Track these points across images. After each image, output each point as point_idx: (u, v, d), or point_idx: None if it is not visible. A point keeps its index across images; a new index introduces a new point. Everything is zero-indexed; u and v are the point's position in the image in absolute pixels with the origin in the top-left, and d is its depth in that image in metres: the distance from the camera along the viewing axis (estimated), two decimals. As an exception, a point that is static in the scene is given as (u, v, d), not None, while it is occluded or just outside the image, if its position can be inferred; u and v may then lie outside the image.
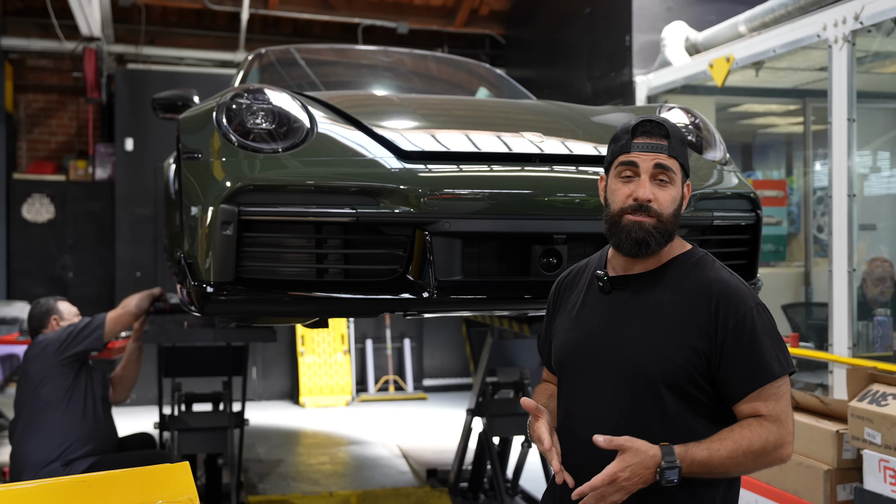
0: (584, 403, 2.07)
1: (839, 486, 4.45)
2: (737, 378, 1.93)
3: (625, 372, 2.00)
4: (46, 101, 9.37)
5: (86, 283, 8.88)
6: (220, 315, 3.27)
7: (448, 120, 3.21)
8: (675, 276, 2.04)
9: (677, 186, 2.04)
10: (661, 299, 2.02)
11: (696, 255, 2.09)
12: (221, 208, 2.61)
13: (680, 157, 2.04)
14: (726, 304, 1.96)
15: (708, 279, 2.01)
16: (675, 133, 2.04)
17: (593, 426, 1.99)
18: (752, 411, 1.93)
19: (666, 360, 1.96)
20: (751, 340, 1.93)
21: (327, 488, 5.65)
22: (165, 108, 4.44)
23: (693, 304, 1.98)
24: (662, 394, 1.96)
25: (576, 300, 2.17)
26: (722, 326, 1.94)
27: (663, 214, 2.00)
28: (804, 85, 6.60)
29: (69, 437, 4.13)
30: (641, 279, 2.06)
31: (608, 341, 2.04)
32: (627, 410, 1.99)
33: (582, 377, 2.08)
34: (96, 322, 4.30)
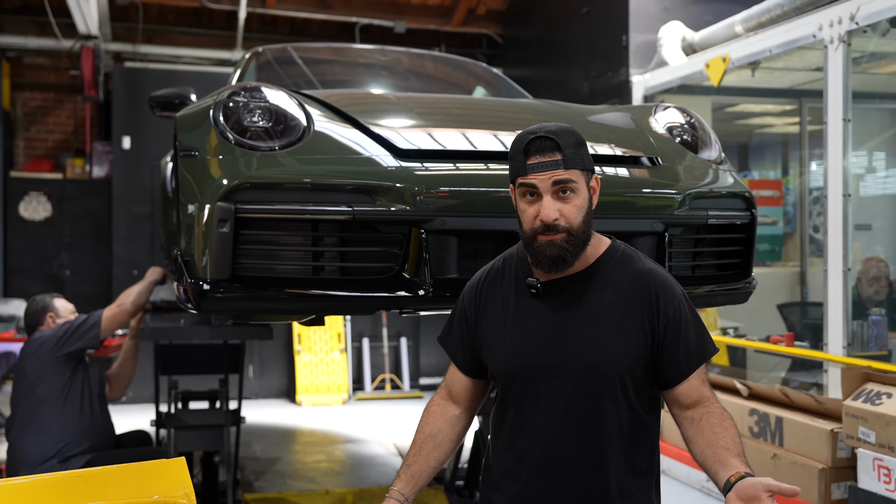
0: (537, 410, 2.08)
1: (833, 485, 4.47)
2: (678, 362, 2.04)
3: (579, 374, 2.03)
4: (44, 99, 9.37)
5: (83, 281, 8.88)
6: (216, 312, 3.28)
7: (445, 119, 3.21)
8: (606, 273, 2.08)
9: (581, 193, 2.04)
10: (601, 298, 2.06)
11: (618, 250, 2.13)
12: (218, 206, 2.61)
13: (577, 163, 2.02)
14: (664, 294, 2.05)
15: (640, 272, 2.08)
16: (568, 140, 2.02)
17: (550, 432, 2.05)
18: (690, 391, 2.04)
19: (619, 355, 2.02)
20: (686, 325, 2.05)
21: (324, 486, 5.66)
22: (163, 106, 4.44)
23: (632, 297, 2.05)
24: (616, 388, 2.03)
25: (505, 305, 2.15)
26: (663, 315, 2.03)
27: (573, 227, 2.01)
28: (800, 85, 6.62)
29: (66, 435, 4.12)
30: (574, 281, 2.08)
31: (556, 344, 2.06)
32: (586, 411, 2.03)
33: (532, 385, 2.09)
34: (92, 320, 4.27)
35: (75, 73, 9.09)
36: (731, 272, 3.24)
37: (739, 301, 3.27)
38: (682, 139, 3.30)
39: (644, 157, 3.04)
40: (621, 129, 3.25)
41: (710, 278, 3.17)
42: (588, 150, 2.07)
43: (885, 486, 4.04)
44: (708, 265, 3.19)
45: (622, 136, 3.18)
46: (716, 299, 3.21)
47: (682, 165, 3.09)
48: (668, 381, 2.06)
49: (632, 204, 2.88)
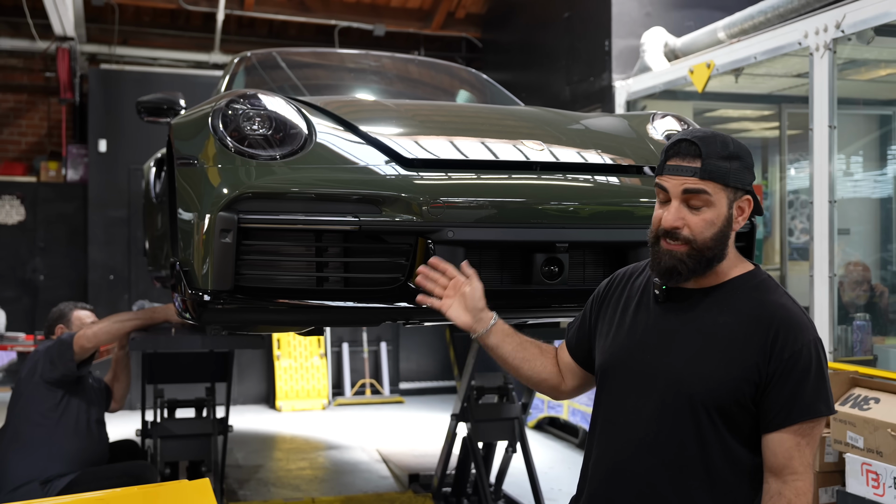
0: (623, 413, 2.03)
1: (821, 490, 4.49)
2: (778, 408, 1.89)
3: (669, 389, 1.96)
4: (16, 101, 9.21)
5: (57, 285, 8.74)
6: (216, 324, 3.22)
7: (448, 127, 3.19)
8: (733, 296, 1.98)
9: (717, 208, 1.94)
10: (716, 319, 1.96)
11: (758, 278, 2.02)
12: (220, 216, 2.57)
13: (717, 177, 1.93)
14: (785, 333, 1.90)
15: (769, 304, 1.95)
16: (712, 151, 1.94)
17: (629, 438, 1.99)
18: (778, 448, 1.90)
19: (713, 383, 1.92)
20: (802, 374, 1.89)
21: (309, 494, 5.61)
22: (150, 111, 4.36)
23: (750, 328, 1.93)
24: (703, 415, 1.92)
25: (628, 302, 2.12)
26: (777, 356, 1.89)
27: (696, 241, 1.93)
28: (780, 91, 6.67)
29: (53, 458, 3.98)
30: (699, 295, 2.00)
31: (657, 355, 2.00)
32: (666, 428, 1.95)
33: (625, 386, 2.05)
34: (63, 345, 4.06)
35: (50, 75, 8.96)
36: None
37: None
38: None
39: (647, 167, 3.03)
40: (623, 138, 3.24)
41: None
42: (744, 168, 1.97)
43: (873, 490, 4.06)
44: None
45: (624, 144, 3.18)
46: None
47: None
48: (764, 427, 1.92)
49: (638, 213, 2.87)
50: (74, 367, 4.06)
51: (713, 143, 1.95)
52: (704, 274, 1.98)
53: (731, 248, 2.01)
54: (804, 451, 1.89)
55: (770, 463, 1.91)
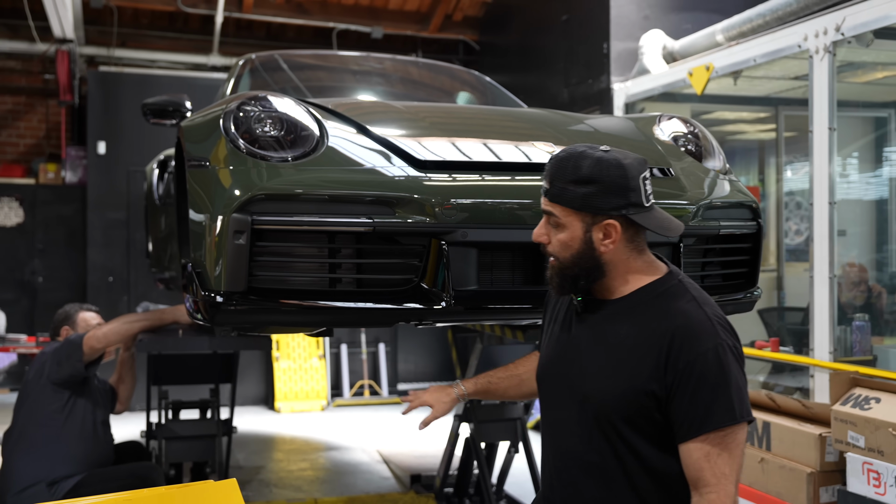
0: (552, 425, 2.09)
1: (822, 489, 4.52)
2: (680, 420, 1.86)
3: (579, 404, 1.98)
4: (14, 103, 9.21)
5: (56, 287, 8.75)
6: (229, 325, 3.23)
7: (458, 129, 3.20)
8: (638, 306, 1.96)
9: (570, 230, 1.94)
10: (619, 331, 1.95)
11: (666, 284, 1.99)
12: (234, 217, 2.57)
13: (564, 201, 1.93)
14: (680, 343, 1.86)
15: (670, 313, 1.91)
16: (560, 175, 1.94)
17: (559, 449, 2.04)
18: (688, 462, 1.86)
19: (615, 397, 1.91)
20: (699, 384, 1.84)
21: (311, 495, 5.62)
22: (156, 113, 4.41)
23: (650, 339, 1.90)
24: (610, 429, 1.92)
25: (558, 313, 2.15)
26: (672, 367, 1.86)
27: (557, 258, 1.97)
28: (777, 93, 6.72)
29: (59, 459, 3.98)
30: (609, 307, 2.00)
31: (569, 370, 2.02)
32: (585, 440, 1.96)
33: (550, 399, 2.09)
34: (72, 346, 4.07)
35: (49, 77, 8.95)
36: (738, 282, 3.26)
37: (746, 310, 3.30)
38: (687, 149, 3.32)
39: (656, 169, 3.05)
40: (631, 140, 3.26)
41: (718, 288, 3.19)
42: (602, 192, 1.92)
43: (874, 489, 4.09)
44: (715, 275, 3.21)
45: (633, 146, 3.18)
46: (726, 308, 3.17)
47: (692, 176, 3.10)
48: (677, 437, 1.88)
49: None
50: (82, 368, 4.06)
51: (564, 167, 1.94)
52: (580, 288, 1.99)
53: (636, 258, 1.99)
54: (715, 461, 1.82)
55: (687, 475, 1.88)
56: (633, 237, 1.97)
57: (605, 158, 1.94)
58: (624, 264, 1.98)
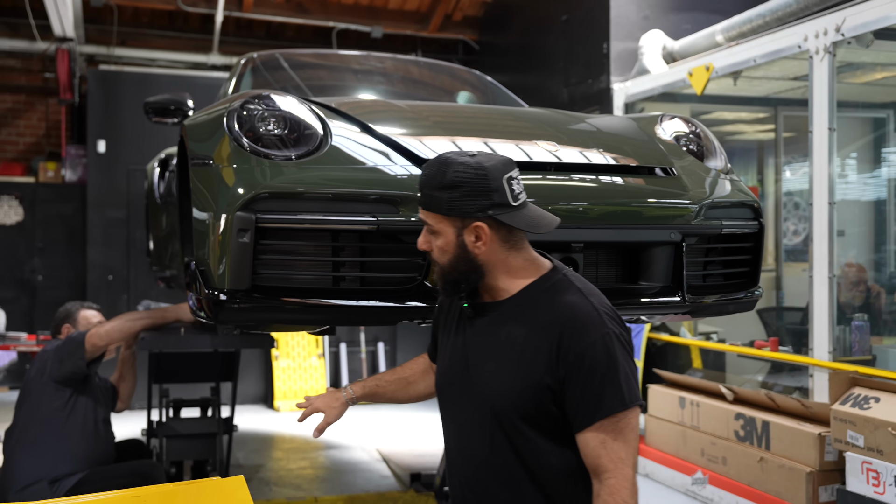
0: (453, 432, 2.11)
1: (821, 488, 4.54)
2: (575, 411, 1.91)
3: (477, 407, 2.01)
4: (14, 102, 9.22)
5: (55, 286, 8.76)
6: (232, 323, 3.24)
7: (461, 128, 3.21)
8: (526, 305, 2.00)
9: (445, 237, 1.99)
10: (510, 331, 1.99)
11: (551, 280, 2.03)
12: (238, 215, 2.58)
13: (433, 207, 1.99)
14: (570, 335, 1.91)
15: (557, 306, 1.96)
16: (427, 182, 2.00)
17: (462, 455, 2.06)
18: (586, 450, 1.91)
19: (512, 396, 1.94)
20: (590, 373, 1.89)
21: (311, 493, 5.63)
22: (158, 111, 4.43)
23: (540, 335, 1.94)
24: (510, 428, 1.95)
25: (451, 321, 2.17)
26: (563, 359, 1.90)
27: (438, 264, 2.02)
28: (776, 94, 6.74)
29: (60, 457, 3.99)
30: (497, 308, 2.03)
31: (465, 373, 2.05)
32: (486, 443, 1.99)
33: (449, 406, 2.12)
34: (74, 344, 4.08)
35: (49, 76, 8.96)
36: (739, 281, 3.28)
37: (747, 309, 3.32)
38: (689, 149, 3.33)
39: (658, 168, 3.07)
40: (634, 140, 3.27)
41: (719, 287, 3.21)
42: (466, 196, 1.95)
43: (873, 488, 4.11)
44: (717, 274, 3.23)
45: (636, 146, 3.21)
46: (727, 308, 3.23)
47: (694, 175, 3.12)
48: (573, 427, 1.93)
49: (651, 214, 2.91)
50: (84, 366, 4.07)
51: (431, 175, 1.99)
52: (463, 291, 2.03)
53: (515, 257, 2.02)
54: (611, 446, 1.88)
55: (586, 463, 1.93)
56: (506, 237, 2.00)
57: (467, 163, 1.97)
58: (503, 264, 2.01)
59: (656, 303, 2.96)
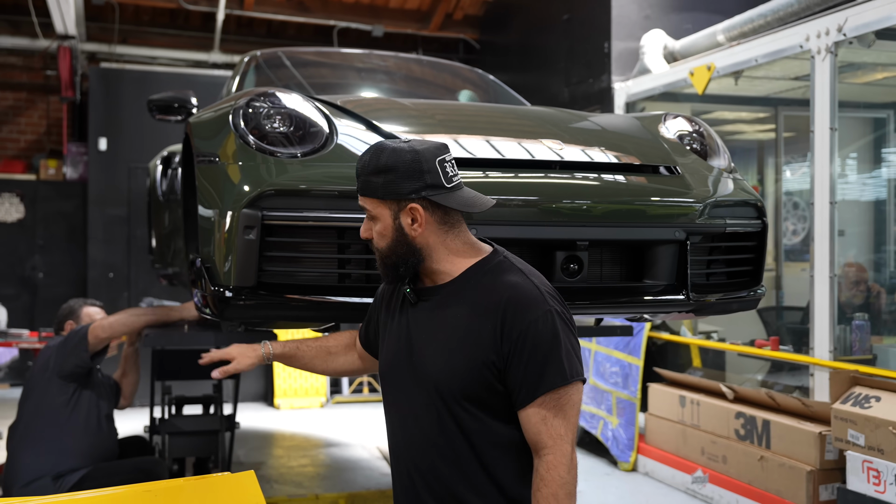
0: (398, 417, 2.12)
1: (822, 487, 4.56)
2: (518, 387, 1.95)
3: (424, 387, 2.03)
4: (15, 99, 9.24)
5: (56, 283, 8.78)
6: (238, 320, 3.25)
7: (467, 127, 3.22)
8: (468, 286, 2.04)
9: (382, 221, 2.04)
10: (455, 312, 2.02)
11: (492, 262, 2.07)
12: (244, 213, 2.59)
13: (369, 192, 2.04)
14: (513, 313, 1.95)
15: (499, 287, 2.00)
16: (362, 168, 2.05)
17: (408, 439, 2.07)
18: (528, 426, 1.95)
19: (457, 374, 1.98)
20: (533, 350, 1.93)
21: (312, 491, 5.64)
22: (161, 109, 4.42)
23: (483, 315, 1.98)
24: (457, 407, 1.99)
25: (394, 308, 2.20)
26: (507, 337, 1.95)
27: (379, 250, 2.06)
28: (776, 94, 6.76)
29: (64, 454, 4.01)
30: (440, 291, 2.07)
31: (410, 357, 2.07)
32: (433, 424, 2.02)
33: (394, 391, 2.13)
34: (77, 337, 4.10)
35: (50, 74, 8.98)
36: (742, 280, 3.30)
37: (750, 307, 3.34)
38: (692, 147, 3.34)
39: (662, 167, 3.09)
40: (638, 139, 3.29)
41: (723, 286, 3.22)
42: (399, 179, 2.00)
43: (874, 487, 4.12)
44: (720, 273, 3.24)
45: (640, 144, 3.22)
46: (731, 306, 3.24)
47: (698, 174, 3.13)
48: (515, 404, 1.98)
49: (655, 213, 2.92)
50: (88, 359, 4.09)
51: (366, 161, 2.04)
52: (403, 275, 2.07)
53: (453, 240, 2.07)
54: (551, 423, 1.93)
55: (528, 441, 1.98)
56: (443, 219, 2.04)
57: (400, 147, 2.03)
58: (442, 246, 2.05)
59: (661, 301, 2.97)
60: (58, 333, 4.43)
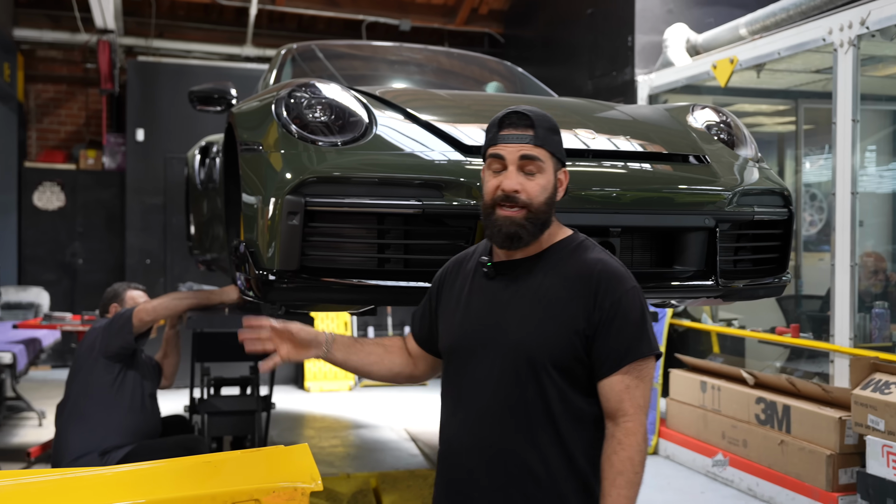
0: (471, 386, 2.11)
1: (841, 471, 4.61)
2: (606, 355, 2.00)
3: (509, 354, 2.04)
4: (56, 92, 9.47)
5: (95, 269, 9.01)
6: (280, 302, 3.27)
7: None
8: (556, 259, 2.08)
9: (547, 175, 2.07)
10: (542, 283, 2.06)
11: (576, 240, 2.13)
12: (287, 199, 2.66)
13: (548, 145, 2.07)
14: (606, 284, 2.01)
15: (589, 261, 2.06)
16: (542, 122, 2.07)
17: (481, 410, 2.07)
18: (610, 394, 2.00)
19: (547, 341, 2.01)
20: (623, 320, 2.00)
21: (343, 470, 5.73)
22: (202, 100, 4.46)
23: (574, 285, 2.03)
24: (545, 374, 2.02)
25: (462, 286, 2.20)
26: (600, 306, 2.00)
27: (532, 204, 2.04)
28: (797, 86, 6.81)
29: (110, 431, 4.11)
30: (524, 264, 2.10)
31: (493, 325, 2.08)
32: (514, 393, 2.03)
33: (469, 361, 2.12)
34: (122, 319, 4.21)
35: (91, 67, 9.19)
36: (769, 266, 3.36)
37: (776, 294, 3.41)
38: (720, 137, 3.41)
39: (692, 156, 3.15)
40: (668, 128, 3.35)
41: (750, 272, 3.28)
42: (562, 140, 2.12)
43: (893, 471, 4.16)
44: (747, 260, 3.30)
45: (669, 134, 3.29)
46: (757, 292, 3.30)
47: (726, 163, 3.19)
48: (599, 373, 2.02)
49: (686, 201, 2.99)
50: (132, 340, 4.19)
51: (542, 116, 2.08)
52: (538, 238, 2.09)
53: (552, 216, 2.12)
54: (634, 392, 1.99)
55: (606, 408, 2.02)
56: None
57: None
58: (553, 217, 2.13)
59: (690, 286, 3.03)
60: (102, 316, 4.53)
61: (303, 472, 1.84)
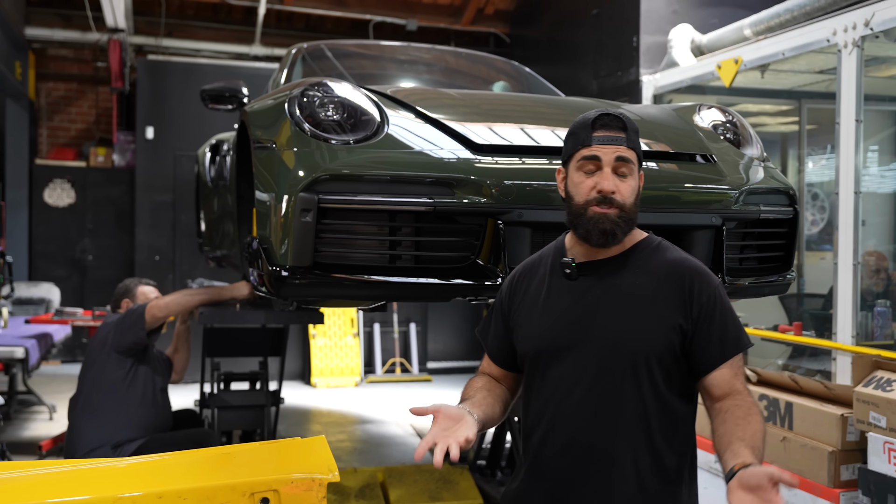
0: (561, 387, 2.08)
1: (843, 467, 4.63)
2: (711, 349, 2.01)
3: (604, 351, 2.03)
4: (66, 90, 9.54)
5: (105, 266, 9.08)
6: (293, 298, 3.32)
7: (511, 115, 3.34)
8: (640, 259, 2.09)
9: (636, 176, 2.09)
10: (633, 281, 2.06)
11: (655, 241, 2.15)
12: (301, 196, 2.70)
13: (637, 147, 2.09)
14: (700, 281, 2.04)
15: (675, 260, 2.08)
16: (631, 125, 2.09)
17: (572, 408, 2.05)
18: (722, 382, 2.01)
19: (648, 335, 2.02)
20: (722, 313, 2.03)
21: (349, 464, 5.78)
22: (214, 98, 4.50)
23: (665, 282, 2.04)
24: (642, 370, 2.01)
25: (539, 289, 2.17)
26: (696, 301, 2.02)
27: (626, 205, 2.04)
28: (800, 87, 6.83)
29: (122, 425, 4.16)
30: (608, 264, 2.09)
31: (584, 323, 2.06)
32: (609, 391, 2.02)
33: (557, 362, 2.09)
34: (135, 315, 4.26)
35: (102, 65, 9.26)
36: (774, 265, 3.40)
37: (781, 291, 3.46)
38: (726, 137, 3.44)
39: (699, 155, 3.19)
40: (675, 128, 3.39)
41: (755, 270, 3.32)
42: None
43: (894, 467, 4.17)
44: (753, 258, 3.34)
45: (677, 134, 3.33)
46: (762, 290, 3.35)
47: (732, 162, 3.23)
48: (701, 369, 2.03)
49: (693, 199, 3.03)
50: (144, 336, 4.25)
51: (630, 118, 2.10)
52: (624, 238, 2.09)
53: None
54: (741, 379, 2.03)
55: (715, 396, 2.02)
56: None
57: None
58: None
59: None
60: (114, 311, 4.59)
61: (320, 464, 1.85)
